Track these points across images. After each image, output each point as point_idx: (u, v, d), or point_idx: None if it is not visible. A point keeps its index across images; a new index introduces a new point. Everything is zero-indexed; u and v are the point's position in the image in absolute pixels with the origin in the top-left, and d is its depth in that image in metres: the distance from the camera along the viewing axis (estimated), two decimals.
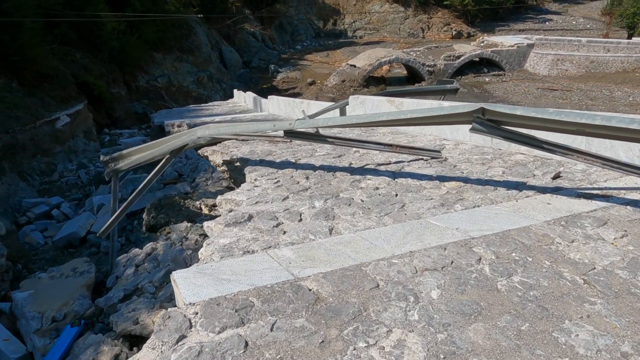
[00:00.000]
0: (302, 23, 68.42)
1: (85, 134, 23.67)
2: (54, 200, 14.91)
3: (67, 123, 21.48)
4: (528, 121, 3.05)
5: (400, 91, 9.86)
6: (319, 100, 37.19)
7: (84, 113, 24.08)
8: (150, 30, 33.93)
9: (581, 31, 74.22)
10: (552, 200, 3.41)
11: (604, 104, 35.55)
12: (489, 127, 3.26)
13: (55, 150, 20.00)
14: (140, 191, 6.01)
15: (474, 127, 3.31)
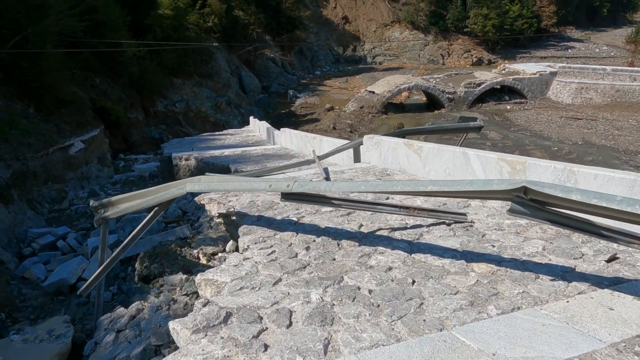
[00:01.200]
0: (321, 49, 68.88)
1: (100, 160, 23.52)
2: (60, 230, 14.46)
3: (81, 149, 21.34)
4: (585, 207, 2.34)
5: (420, 129, 9.20)
6: (337, 126, 36.88)
7: (99, 138, 24.00)
8: (170, 56, 34.19)
9: (605, 59, 73.02)
10: (614, 303, 2.65)
11: (631, 134, 34.29)
12: (532, 208, 2.56)
13: (67, 177, 19.79)
14: (126, 245, 5.41)
15: (513, 209, 2.61)
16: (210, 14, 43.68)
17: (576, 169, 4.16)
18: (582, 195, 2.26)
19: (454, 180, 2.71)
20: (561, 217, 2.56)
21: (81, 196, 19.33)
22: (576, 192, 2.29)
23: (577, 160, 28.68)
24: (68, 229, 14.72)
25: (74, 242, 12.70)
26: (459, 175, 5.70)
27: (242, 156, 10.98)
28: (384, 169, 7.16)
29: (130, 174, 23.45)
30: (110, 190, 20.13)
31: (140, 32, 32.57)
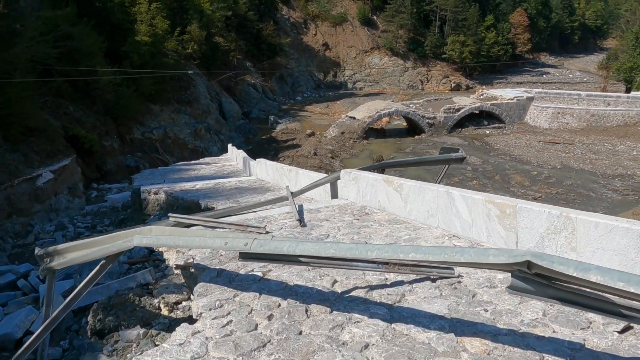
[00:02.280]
0: (302, 75, 69.26)
1: (70, 190, 22.61)
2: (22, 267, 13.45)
3: (49, 179, 20.44)
4: (607, 289, 1.85)
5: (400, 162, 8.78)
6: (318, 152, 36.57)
7: (70, 168, 23.12)
8: (148, 83, 33.64)
9: (578, 84, 75.07)
10: None
11: (608, 158, 34.75)
12: (538, 284, 2.07)
13: (34, 210, 18.85)
14: (68, 305, 4.76)
15: (514, 286, 2.12)
16: (190, 41, 43.46)
17: (574, 216, 3.72)
18: (605, 276, 1.78)
19: (440, 247, 2.23)
20: (573, 294, 2.07)
21: (48, 230, 18.36)
22: (596, 271, 1.81)
23: (557, 185, 28.77)
24: (31, 266, 13.72)
25: (37, 281, 11.81)
26: (443, 217, 5.23)
27: (214, 190, 10.39)
28: (362, 207, 6.67)
29: (102, 204, 22.55)
30: (80, 223, 19.23)
31: (116, 58, 32.05)
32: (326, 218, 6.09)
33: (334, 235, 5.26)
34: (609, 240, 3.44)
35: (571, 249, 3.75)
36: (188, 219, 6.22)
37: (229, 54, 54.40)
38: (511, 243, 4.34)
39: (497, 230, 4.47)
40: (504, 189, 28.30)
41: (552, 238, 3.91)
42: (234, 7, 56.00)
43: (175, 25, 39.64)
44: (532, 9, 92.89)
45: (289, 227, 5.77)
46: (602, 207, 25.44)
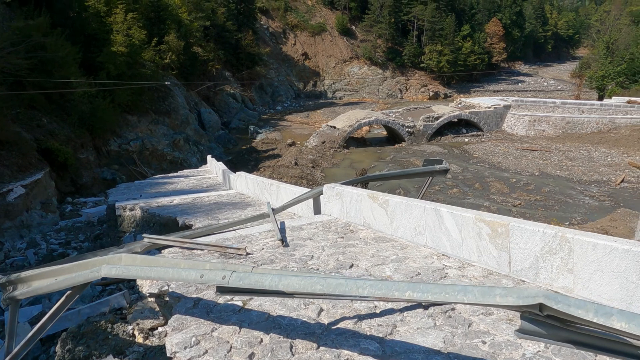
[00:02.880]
0: (282, 84, 69.13)
1: (43, 205, 21.84)
2: None
3: (21, 195, 19.70)
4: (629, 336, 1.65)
5: (384, 175, 8.62)
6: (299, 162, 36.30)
7: (43, 182, 22.37)
8: (124, 94, 32.95)
9: (552, 92, 76.79)
10: None
11: (584, 165, 35.36)
12: (550, 327, 1.86)
13: (4, 226, 18.09)
14: (32, 338, 4.39)
15: (524, 329, 1.91)
16: (168, 51, 42.92)
17: (570, 236, 3.55)
18: (631, 323, 1.57)
19: (440, 285, 2.00)
20: (589, 336, 1.87)
21: (19, 247, 17.63)
22: (619, 316, 1.60)
23: (535, 192, 29.07)
24: None
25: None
26: (431, 235, 5.03)
27: (192, 205, 10.04)
28: (346, 223, 6.44)
29: (77, 219, 21.84)
30: (54, 239, 18.53)
31: (92, 69, 31.35)
32: (309, 236, 5.83)
33: (318, 256, 5.01)
34: (608, 262, 3.28)
35: (568, 270, 3.59)
36: (163, 239, 5.89)
37: (207, 64, 53.94)
38: (504, 263, 4.16)
39: (488, 250, 4.29)
40: (484, 197, 28.48)
41: (547, 259, 3.74)
42: (213, 17, 55.68)
43: (153, 36, 39.09)
44: (506, 19, 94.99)
45: (271, 247, 5.50)
46: (580, 213, 25.77)
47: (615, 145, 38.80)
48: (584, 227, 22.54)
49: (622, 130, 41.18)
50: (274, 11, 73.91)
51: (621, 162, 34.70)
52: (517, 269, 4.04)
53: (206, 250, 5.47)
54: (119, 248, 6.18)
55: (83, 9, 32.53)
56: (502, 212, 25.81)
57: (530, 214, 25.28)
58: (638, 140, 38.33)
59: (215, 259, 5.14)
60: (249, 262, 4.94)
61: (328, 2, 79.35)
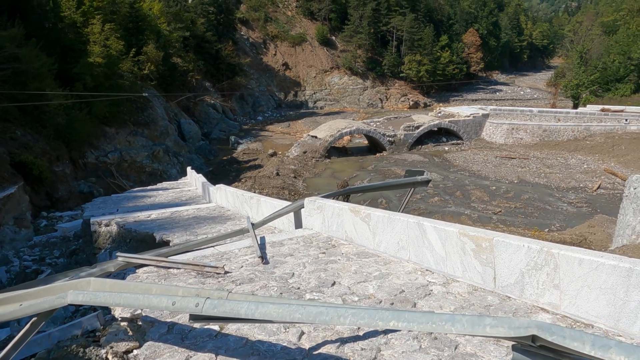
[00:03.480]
0: (263, 95, 69.01)
1: (17, 221, 21.18)
2: None
3: None
4: None
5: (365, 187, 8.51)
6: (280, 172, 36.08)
7: (17, 196, 21.72)
8: (102, 105, 32.36)
9: (529, 101, 78.38)
10: None
11: (561, 172, 35.96)
12: (542, 358, 1.75)
13: None
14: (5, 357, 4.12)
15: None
16: (147, 62, 42.44)
17: (555, 251, 3.48)
18: (629, 356, 1.47)
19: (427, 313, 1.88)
20: None
21: None
22: (618, 349, 1.50)
23: (515, 199, 29.39)
24: None
25: None
26: (414, 250, 4.93)
27: (170, 220, 9.78)
28: (328, 238, 6.30)
29: (52, 234, 21.20)
30: (27, 255, 17.92)
31: (68, 80, 30.75)
32: (290, 253, 5.68)
33: (299, 274, 4.85)
34: (595, 278, 3.21)
35: (554, 286, 3.51)
36: (138, 258, 5.66)
37: (187, 75, 53.53)
38: (489, 279, 4.07)
39: (473, 265, 4.20)
40: (465, 205, 28.67)
41: (532, 274, 3.67)
42: (192, 27, 55.40)
43: (131, 46, 38.60)
44: (483, 29, 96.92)
45: (250, 264, 5.32)
46: (558, 220, 26.11)
47: (590, 152, 39.61)
48: (563, 234, 22.85)
49: (597, 138, 42.10)
50: (254, 22, 73.98)
51: (597, 169, 35.40)
52: (503, 285, 3.95)
53: (183, 269, 5.26)
54: (92, 268, 5.92)
55: (59, 20, 31.97)
56: (483, 220, 26.01)
57: (510, 222, 25.53)
58: (612, 148, 39.21)
59: (192, 278, 4.94)
60: (227, 281, 4.76)
61: (308, 13, 79.82)
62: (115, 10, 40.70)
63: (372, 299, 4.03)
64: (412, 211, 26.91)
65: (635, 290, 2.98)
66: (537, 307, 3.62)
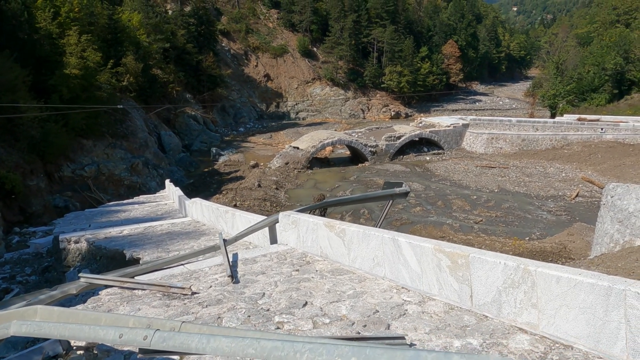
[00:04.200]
0: (244, 106, 68.75)
1: None
2: None
3: None
4: None
5: (343, 200, 8.35)
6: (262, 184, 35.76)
7: None
8: (78, 117, 31.72)
9: (508, 110, 79.68)
10: None
11: (540, 180, 36.39)
12: None
13: None
14: None
15: None
16: (125, 73, 41.92)
17: (532, 268, 3.34)
18: None
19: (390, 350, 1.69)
20: None
21: None
22: None
23: (496, 208, 29.58)
24: None
25: None
26: (390, 266, 4.75)
27: (143, 235, 9.45)
28: (303, 254, 6.09)
29: (24, 251, 20.50)
30: None
31: (44, 92, 30.12)
32: (262, 270, 5.44)
33: (270, 294, 4.63)
34: (574, 297, 3.07)
35: (532, 305, 3.36)
36: (102, 279, 5.37)
37: (167, 86, 53.06)
38: (465, 297, 3.91)
39: (449, 283, 4.04)
40: (447, 214, 28.74)
41: (510, 292, 3.51)
42: (172, 39, 55.06)
43: (109, 57, 38.07)
44: (462, 40, 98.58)
45: (220, 284, 5.08)
46: (539, 228, 26.31)
47: (568, 160, 40.25)
48: (543, 242, 23.00)
49: (574, 147, 42.84)
50: (235, 33, 73.94)
51: (575, 177, 35.93)
52: (480, 303, 3.79)
53: (148, 291, 4.99)
54: (52, 290, 5.60)
55: (34, 31, 31.37)
56: (464, 230, 26.06)
57: (491, 231, 25.63)
58: (589, 156, 39.91)
59: (157, 300, 4.67)
60: (193, 303, 4.51)
61: (289, 25, 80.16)
62: (93, 22, 40.19)
63: (344, 321, 3.83)
64: (394, 221, 26.83)
65: (614, 310, 2.84)
66: (515, 327, 3.46)
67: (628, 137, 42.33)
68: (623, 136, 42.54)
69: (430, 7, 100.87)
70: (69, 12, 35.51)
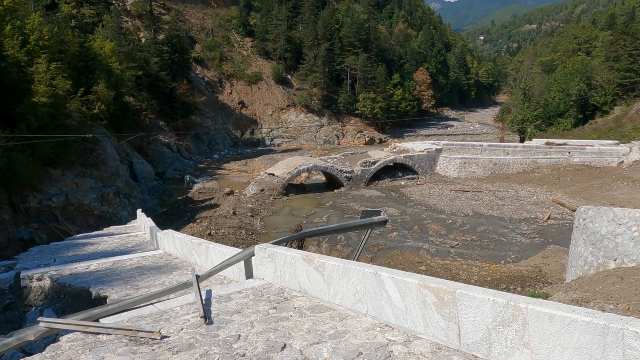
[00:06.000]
0: (219, 133, 68.36)
1: None
2: None
3: None
4: None
5: (321, 230, 8.15)
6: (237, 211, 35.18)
7: None
8: (46, 146, 30.79)
9: (479, 135, 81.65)
10: None
11: (513, 204, 36.97)
12: None
13: None
14: None
15: None
16: (97, 101, 41.20)
17: (523, 305, 3.18)
18: None
19: None
20: None
21: None
22: None
23: (471, 232, 29.76)
24: None
25: None
26: (372, 302, 4.53)
27: (111, 271, 8.97)
28: (280, 289, 5.81)
29: None
30: None
31: (10, 121, 29.19)
32: (238, 309, 5.14)
33: (246, 336, 4.33)
34: (568, 336, 2.91)
35: (524, 345, 3.19)
36: (63, 323, 4.97)
37: (140, 114, 52.39)
38: (453, 335, 3.72)
39: (435, 320, 3.84)
40: (423, 239, 28.75)
41: (500, 331, 3.34)
42: (145, 66, 54.70)
43: (80, 85, 37.41)
44: (432, 68, 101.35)
45: (192, 325, 4.75)
46: (513, 251, 26.52)
47: (539, 183, 41.14)
48: (519, 266, 23.12)
49: (544, 170, 43.90)
50: (209, 61, 74.09)
51: (546, 200, 36.66)
52: (468, 342, 3.60)
53: (114, 335, 4.62)
54: (7, 337, 5.15)
55: (1, 59, 30.61)
56: (441, 254, 26.03)
57: (467, 255, 25.69)
58: (559, 179, 40.91)
59: (123, 346, 4.31)
60: (162, 349, 4.17)
61: (263, 53, 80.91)
62: (64, 50, 39.60)
63: None
64: (371, 247, 26.64)
65: (612, 350, 2.69)
66: None
67: (594, 160, 43.71)
68: (589, 159, 43.90)
69: (401, 36, 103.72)
70: (38, 40, 34.88)
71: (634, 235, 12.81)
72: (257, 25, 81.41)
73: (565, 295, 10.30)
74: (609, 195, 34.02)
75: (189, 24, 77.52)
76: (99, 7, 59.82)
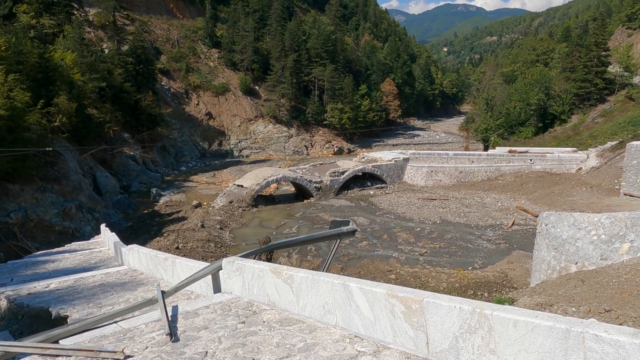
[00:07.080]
0: (186, 144, 67.37)
1: None
2: None
3: None
4: None
5: (290, 242, 8.08)
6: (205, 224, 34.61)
7: None
8: (4, 160, 29.58)
9: (445, 144, 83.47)
10: None
11: (478, 211, 37.83)
12: None
13: None
14: None
15: None
16: (58, 113, 39.92)
17: (488, 312, 3.23)
18: None
19: None
20: None
21: None
22: None
23: (439, 239, 30.24)
24: None
25: None
26: (341, 314, 4.52)
27: (72, 289, 8.62)
28: (249, 303, 5.72)
29: None
30: None
31: None
32: (205, 325, 5.02)
33: (213, 352, 4.23)
34: (532, 341, 2.97)
35: (490, 351, 3.23)
36: (19, 347, 4.73)
37: (104, 126, 51.06)
38: (421, 344, 3.73)
39: (404, 330, 3.85)
40: (393, 247, 29.00)
41: (467, 338, 3.38)
42: (109, 78, 53.45)
43: (40, 97, 36.19)
44: (398, 78, 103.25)
45: (157, 343, 4.61)
46: (480, 257, 27.07)
47: (503, 191, 42.28)
48: (486, 272, 23.58)
49: (507, 177, 45.17)
50: (175, 72, 73.17)
51: (510, 206, 37.66)
52: (437, 351, 3.62)
53: (74, 357, 4.43)
54: None
55: None
56: (410, 262, 26.31)
57: (436, 262, 26.05)
58: (521, 186, 42.15)
59: None
60: None
61: (230, 64, 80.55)
62: (22, 60, 38.29)
63: None
64: (342, 257, 26.67)
65: (574, 354, 2.76)
66: None
67: (555, 167, 45.29)
68: (550, 166, 45.47)
69: (367, 47, 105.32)
70: None
71: (593, 239, 13.27)
72: (224, 37, 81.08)
73: (530, 300, 10.56)
74: (570, 201, 35.26)
75: (154, 34, 76.50)
76: (60, 17, 58.22)
